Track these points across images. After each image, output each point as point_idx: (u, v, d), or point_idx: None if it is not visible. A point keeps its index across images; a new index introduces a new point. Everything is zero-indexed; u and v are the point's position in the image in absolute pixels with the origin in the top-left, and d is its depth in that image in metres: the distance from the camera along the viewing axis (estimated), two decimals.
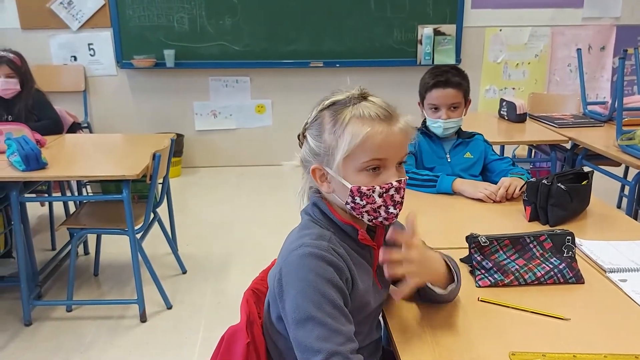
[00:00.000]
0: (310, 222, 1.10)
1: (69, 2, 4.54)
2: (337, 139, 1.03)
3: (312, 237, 1.03)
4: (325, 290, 0.96)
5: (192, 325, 2.54)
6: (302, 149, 1.12)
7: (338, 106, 1.06)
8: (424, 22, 4.79)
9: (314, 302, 0.95)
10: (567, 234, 1.33)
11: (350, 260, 1.04)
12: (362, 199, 1.04)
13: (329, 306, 0.96)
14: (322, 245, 1.01)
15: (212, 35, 4.69)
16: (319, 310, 0.95)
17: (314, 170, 1.08)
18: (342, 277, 1.00)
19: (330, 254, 1.00)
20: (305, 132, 1.11)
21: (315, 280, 0.97)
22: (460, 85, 1.99)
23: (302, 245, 1.01)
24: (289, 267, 1.01)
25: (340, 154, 1.03)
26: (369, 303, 1.08)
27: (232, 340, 1.09)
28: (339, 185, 1.06)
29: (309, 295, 0.96)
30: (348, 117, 1.03)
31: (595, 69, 5.09)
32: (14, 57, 2.90)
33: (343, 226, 1.09)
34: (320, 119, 1.07)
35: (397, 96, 1.10)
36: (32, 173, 2.33)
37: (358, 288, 1.05)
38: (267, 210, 3.93)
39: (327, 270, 0.98)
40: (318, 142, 1.07)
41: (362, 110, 1.03)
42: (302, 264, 0.99)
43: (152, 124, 4.89)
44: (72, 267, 2.58)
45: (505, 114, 3.43)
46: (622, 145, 2.62)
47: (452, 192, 1.91)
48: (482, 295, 1.23)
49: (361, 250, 1.11)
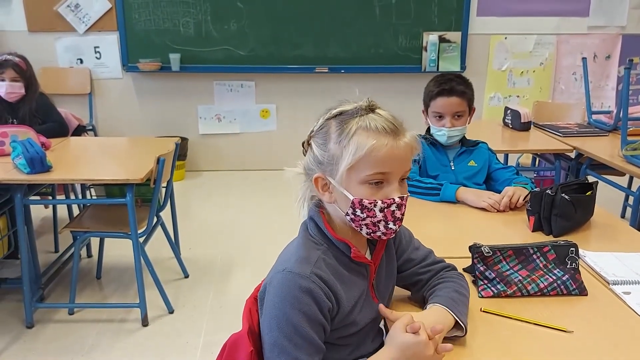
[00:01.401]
0: (305, 237, 1.10)
1: (76, 5, 4.56)
2: (342, 149, 1.03)
3: (298, 260, 1.03)
4: (296, 323, 0.98)
5: (193, 329, 2.54)
6: (306, 157, 1.11)
7: (345, 116, 1.05)
8: (429, 29, 4.79)
9: (284, 332, 0.98)
10: (571, 245, 1.33)
11: (336, 283, 1.04)
12: (363, 211, 1.04)
13: (298, 337, 0.98)
14: (304, 272, 1.01)
15: (218, 39, 4.70)
16: (287, 339, 0.98)
17: (317, 179, 1.08)
18: (321, 306, 1.01)
19: (312, 281, 1.00)
20: (310, 140, 1.10)
21: (289, 313, 0.99)
22: (464, 93, 1.99)
23: (285, 270, 1.02)
24: (270, 289, 1.03)
25: (344, 165, 1.02)
26: (356, 320, 1.08)
27: (235, 348, 1.08)
28: (340, 196, 1.06)
29: (281, 325, 0.99)
30: (354, 128, 1.03)
31: (601, 78, 5.08)
32: (19, 60, 2.91)
33: (337, 243, 1.09)
34: (327, 128, 1.07)
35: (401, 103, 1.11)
36: (37, 176, 2.34)
37: (343, 308, 1.05)
38: (271, 215, 3.93)
39: (302, 302, 0.99)
40: (323, 151, 1.06)
41: (368, 122, 1.03)
42: (280, 292, 1.01)
43: (157, 127, 4.90)
44: (75, 270, 2.58)
45: (510, 122, 3.42)
46: (627, 155, 2.62)
47: (455, 200, 1.91)
48: (484, 306, 1.23)
49: (355, 266, 1.10)
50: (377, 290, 1.15)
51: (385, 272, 1.18)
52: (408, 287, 1.28)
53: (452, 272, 1.25)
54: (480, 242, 1.33)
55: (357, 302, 1.09)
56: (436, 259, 1.27)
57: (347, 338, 1.08)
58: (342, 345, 1.08)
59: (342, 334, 1.07)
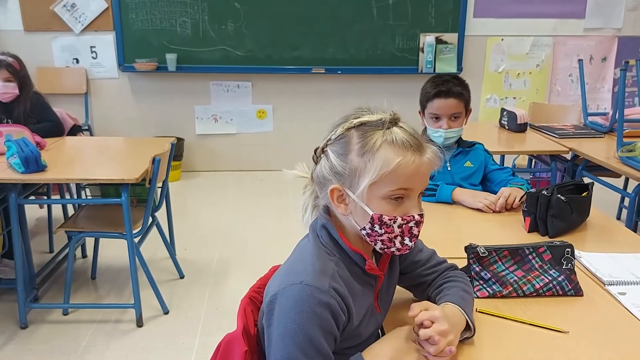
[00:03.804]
0: (318, 246, 1.06)
1: (72, 4, 4.55)
2: (365, 163, 0.99)
3: (315, 271, 1.00)
4: (313, 336, 0.96)
5: (188, 330, 2.53)
6: (320, 165, 1.06)
7: (368, 128, 1.01)
8: (426, 30, 4.80)
9: (300, 346, 0.95)
10: (567, 246, 1.33)
11: (349, 296, 1.02)
12: (382, 227, 1.01)
13: (312, 349, 0.96)
14: (323, 286, 0.98)
15: (215, 40, 4.70)
16: (302, 353, 0.95)
17: (333, 190, 1.03)
18: (337, 320, 0.99)
19: (331, 296, 0.97)
20: (326, 147, 1.05)
21: (307, 327, 0.95)
22: (461, 95, 1.98)
23: (303, 283, 0.98)
24: (284, 300, 0.98)
25: (367, 180, 0.99)
26: (361, 332, 1.07)
27: (229, 347, 1.08)
28: (359, 210, 1.02)
29: (297, 339, 0.95)
30: (379, 141, 0.99)
31: (597, 80, 5.10)
32: (13, 60, 2.90)
33: (351, 254, 1.06)
34: (347, 138, 1.02)
35: (398, 104, 1.09)
36: (32, 175, 2.33)
37: (353, 321, 1.03)
38: (267, 216, 3.92)
39: (321, 316, 0.96)
40: (343, 162, 1.01)
41: (394, 136, 0.99)
42: (297, 305, 0.96)
43: (153, 128, 4.89)
44: (70, 270, 2.57)
45: (506, 124, 3.43)
46: (623, 156, 2.62)
47: (451, 201, 1.91)
48: (480, 307, 1.23)
49: (366, 278, 1.09)
50: (380, 299, 1.14)
51: (388, 281, 1.17)
52: (410, 287, 1.28)
53: (456, 272, 1.24)
54: (476, 243, 1.33)
55: (365, 315, 1.08)
56: (440, 260, 1.26)
57: (348, 349, 1.06)
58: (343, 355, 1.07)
59: (346, 345, 1.05)
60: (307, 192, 1.12)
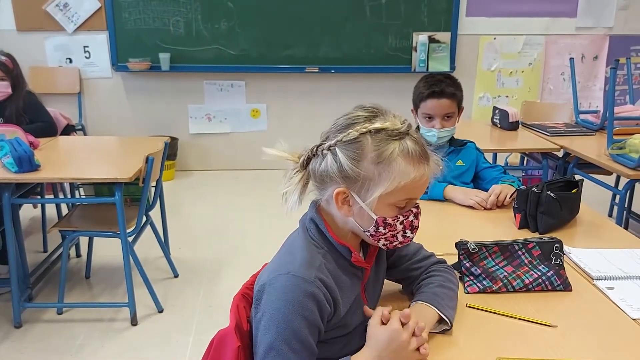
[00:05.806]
0: (306, 238, 1.08)
1: (65, 4, 4.54)
2: (380, 173, 0.99)
3: (302, 263, 1.02)
4: (297, 327, 0.97)
5: (183, 328, 2.53)
6: (325, 161, 1.03)
7: (384, 135, 1.00)
8: (419, 29, 4.82)
9: (282, 336, 0.97)
10: (556, 242, 1.35)
11: (335, 288, 1.04)
12: (385, 228, 1.04)
13: (296, 342, 0.97)
14: (309, 277, 0.99)
15: (208, 39, 4.70)
16: (284, 343, 0.97)
17: (339, 193, 1.03)
18: (322, 311, 1.00)
19: (317, 286, 0.99)
20: (335, 146, 1.02)
21: (291, 317, 0.97)
22: (454, 95, 2.00)
23: (290, 273, 1.00)
24: (271, 289, 1.00)
25: (380, 190, 1.00)
26: (348, 322, 1.09)
27: (222, 344, 1.09)
28: (363, 214, 1.04)
29: (280, 328, 0.97)
30: (396, 153, 0.99)
31: (588, 78, 5.13)
32: (6, 59, 2.89)
33: (338, 247, 1.08)
34: (362, 143, 1.00)
35: (391, 103, 1.10)
36: (25, 175, 2.33)
37: (339, 312, 1.05)
38: (260, 215, 3.93)
39: (305, 307, 0.98)
40: (355, 168, 1.00)
41: (409, 147, 1.00)
42: (283, 295, 0.98)
43: (147, 127, 4.89)
44: (64, 269, 2.57)
45: (498, 122, 3.45)
46: (613, 154, 2.65)
47: (443, 198, 1.92)
48: (470, 302, 1.24)
49: (353, 270, 1.10)
50: (367, 291, 1.15)
51: (376, 273, 1.19)
52: (399, 281, 1.30)
53: (439, 266, 1.26)
54: (467, 239, 1.35)
55: (351, 306, 1.09)
56: (427, 254, 1.28)
57: (336, 338, 1.08)
58: (331, 344, 1.09)
59: (333, 335, 1.07)
60: (295, 179, 1.07)
